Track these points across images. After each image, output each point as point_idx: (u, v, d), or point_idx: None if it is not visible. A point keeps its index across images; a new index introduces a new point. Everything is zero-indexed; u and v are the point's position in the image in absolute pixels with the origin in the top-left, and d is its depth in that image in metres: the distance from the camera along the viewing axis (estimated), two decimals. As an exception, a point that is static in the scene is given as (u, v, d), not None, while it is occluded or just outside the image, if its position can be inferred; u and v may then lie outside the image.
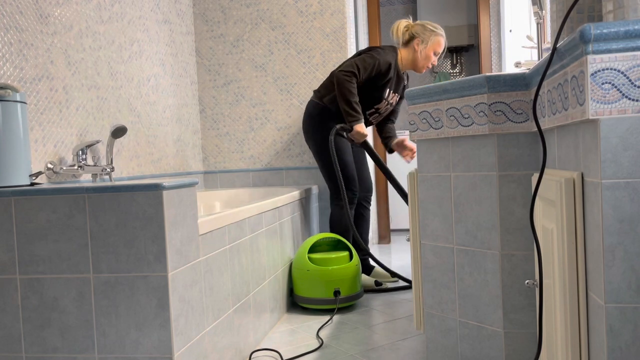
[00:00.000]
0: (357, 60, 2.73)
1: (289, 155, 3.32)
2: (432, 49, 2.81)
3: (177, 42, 3.13)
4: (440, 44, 2.83)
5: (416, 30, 2.82)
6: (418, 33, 2.81)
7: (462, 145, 1.53)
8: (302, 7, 3.26)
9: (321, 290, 2.45)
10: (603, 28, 0.89)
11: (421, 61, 2.83)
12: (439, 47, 2.83)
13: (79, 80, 2.19)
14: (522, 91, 1.40)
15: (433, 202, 1.64)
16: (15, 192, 1.42)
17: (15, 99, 1.58)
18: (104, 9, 2.39)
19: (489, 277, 1.48)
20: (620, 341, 0.92)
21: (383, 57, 2.75)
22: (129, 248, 1.37)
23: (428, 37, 2.80)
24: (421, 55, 2.82)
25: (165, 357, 1.36)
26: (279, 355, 1.97)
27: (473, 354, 1.55)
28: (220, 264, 1.73)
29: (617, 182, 0.91)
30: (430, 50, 2.82)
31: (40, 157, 1.93)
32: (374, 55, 2.74)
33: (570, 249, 1.04)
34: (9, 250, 1.42)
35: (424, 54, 2.81)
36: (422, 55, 2.82)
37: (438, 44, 2.82)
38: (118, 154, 2.45)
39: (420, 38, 2.80)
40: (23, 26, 1.88)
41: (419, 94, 1.64)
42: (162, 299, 1.36)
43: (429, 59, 2.84)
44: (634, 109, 0.90)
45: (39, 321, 1.42)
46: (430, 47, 2.81)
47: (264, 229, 2.21)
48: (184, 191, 1.46)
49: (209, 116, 3.41)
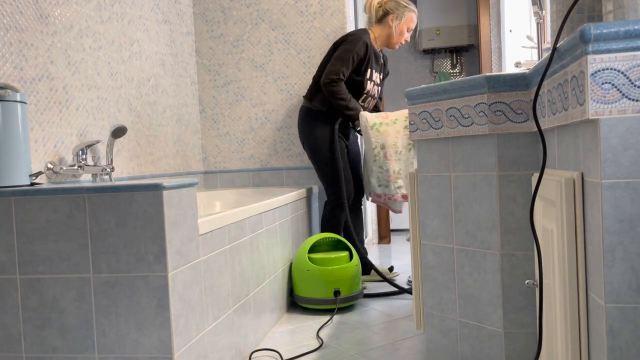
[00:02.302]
0: (337, 60, 2.75)
1: (289, 155, 3.32)
2: (405, 25, 2.85)
3: (177, 42, 3.13)
4: (413, 20, 2.87)
5: (390, 7, 2.84)
6: (392, 9, 2.84)
7: (462, 145, 1.53)
8: (302, 7, 3.26)
9: (321, 290, 2.45)
10: (603, 28, 0.89)
11: (395, 37, 2.87)
12: (411, 23, 2.87)
13: (79, 80, 2.19)
14: (522, 91, 1.40)
15: (433, 202, 1.64)
16: (15, 192, 1.42)
17: (15, 99, 1.58)
18: (104, 9, 2.39)
19: (489, 277, 1.48)
20: (620, 341, 0.92)
21: (358, 43, 2.77)
22: (129, 248, 1.37)
23: (402, 13, 2.83)
24: (395, 31, 2.85)
25: (165, 357, 1.36)
26: (279, 355, 1.97)
27: (473, 354, 1.55)
28: (220, 264, 1.73)
29: (617, 182, 0.91)
30: (404, 26, 2.85)
31: (40, 157, 1.93)
32: (348, 48, 2.75)
33: (570, 249, 1.04)
34: (9, 250, 1.42)
35: (398, 29, 2.85)
36: (396, 31, 2.85)
37: (411, 20, 2.86)
38: (118, 154, 2.45)
39: (395, 14, 2.83)
40: (23, 26, 1.88)
41: (419, 94, 1.64)
42: (162, 299, 1.36)
43: (402, 35, 2.87)
44: (634, 109, 0.90)
45: (39, 321, 1.42)
46: (404, 23, 2.85)
47: (264, 229, 2.21)
48: (184, 191, 1.46)
49: (209, 116, 3.41)
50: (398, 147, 2.88)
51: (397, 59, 5.18)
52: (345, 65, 2.73)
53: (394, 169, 2.87)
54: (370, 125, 2.88)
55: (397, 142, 2.88)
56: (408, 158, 2.87)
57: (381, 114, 2.90)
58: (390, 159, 2.89)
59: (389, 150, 2.86)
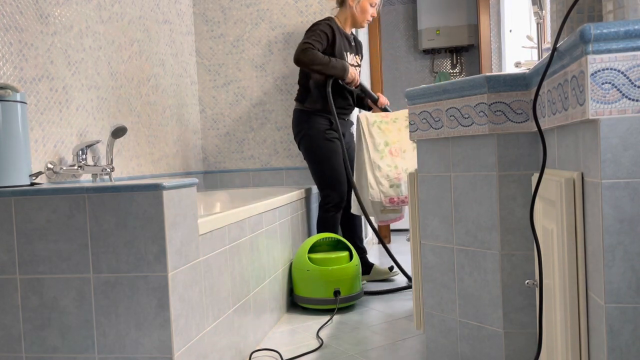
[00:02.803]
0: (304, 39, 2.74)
1: (289, 155, 3.32)
2: (367, 2, 2.82)
3: (177, 42, 3.13)
4: None
5: None
6: None
7: (462, 145, 1.53)
8: (302, 7, 3.27)
9: (321, 290, 2.45)
10: (603, 28, 0.89)
11: (359, 16, 2.84)
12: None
13: (79, 80, 2.19)
14: (522, 91, 1.40)
15: (433, 202, 1.64)
16: (15, 192, 1.42)
17: (15, 99, 1.58)
18: (104, 9, 2.39)
19: (489, 277, 1.48)
20: (620, 341, 0.92)
21: (320, 24, 2.77)
22: (129, 248, 1.37)
23: None
24: (357, 10, 2.83)
25: (165, 357, 1.36)
26: (279, 355, 1.97)
27: (473, 354, 1.55)
28: (220, 264, 1.73)
29: (617, 182, 0.91)
30: (366, 3, 2.82)
31: (40, 157, 1.93)
32: (313, 29, 2.76)
33: (570, 249, 1.04)
34: (9, 250, 1.42)
35: (359, 8, 2.83)
36: (358, 10, 2.83)
37: None
38: (118, 154, 2.45)
39: None
40: (23, 26, 1.88)
41: (419, 94, 1.64)
42: (162, 299, 1.36)
43: (366, 12, 2.84)
44: (634, 109, 0.90)
45: (39, 321, 1.42)
46: (365, 0, 2.82)
47: (264, 229, 2.21)
48: (184, 191, 1.46)
49: (209, 116, 3.41)
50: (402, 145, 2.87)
51: (397, 59, 5.18)
52: (316, 40, 2.71)
53: (403, 167, 2.86)
54: (371, 123, 2.88)
55: (400, 139, 2.88)
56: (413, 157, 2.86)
57: (380, 114, 2.92)
58: (397, 155, 2.87)
59: (393, 147, 2.87)
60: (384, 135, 2.87)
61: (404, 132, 2.90)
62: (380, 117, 2.90)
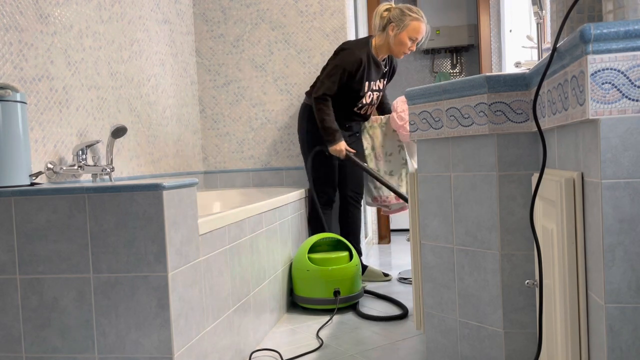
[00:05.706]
0: (325, 77, 2.75)
1: (289, 155, 3.32)
2: (407, 35, 2.72)
3: (177, 42, 3.13)
4: (416, 29, 2.73)
5: (393, 15, 2.75)
6: (394, 18, 2.74)
7: (462, 145, 1.53)
8: (302, 7, 3.26)
9: (321, 290, 2.45)
10: (603, 28, 0.89)
11: (395, 46, 2.76)
12: (415, 33, 2.73)
13: (79, 80, 2.19)
14: (522, 91, 1.40)
15: (433, 202, 1.64)
16: (15, 192, 1.42)
17: (15, 99, 1.58)
18: (104, 9, 2.39)
19: (489, 277, 1.48)
20: (620, 341, 0.92)
21: (349, 59, 2.73)
22: (129, 248, 1.37)
23: (402, 22, 2.71)
24: (393, 40, 2.75)
25: (165, 357, 1.36)
26: (279, 355, 1.97)
27: (473, 354, 1.55)
28: (220, 264, 1.73)
29: (617, 182, 0.91)
30: (404, 36, 2.73)
31: (40, 157, 1.93)
32: (337, 65, 2.74)
33: (570, 249, 1.04)
34: (9, 250, 1.42)
35: (397, 39, 2.74)
36: (394, 41, 2.75)
37: (414, 30, 2.72)
38: (118, 154, 2.45)
39: (395, 23, 2.73)
40: (23, 26, 1.88)
41: (419, 94, 1.64)
42: (162, 299, 1.36)
43: (403, 45, 2.75)
44: (634, 109, 0.90)
45: (39, 321, 1.42)
46: (405, 33, 2.72)
47: (264, 229, 2.21)
48: (184, 191, 1.46)
49: (209, 116, 3.41)
50: (387, 148, 3.00)
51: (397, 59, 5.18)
52: (333, 83, 2.73)
53: (384, 170, 3.04)
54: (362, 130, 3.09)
55: (384, 143, 3.03)
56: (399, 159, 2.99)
57: (372, 118, 3.05)
58: (380, 159, 3.05)
59: (378, 151, 3.04)
60: (372, 141, 3.06)
61: (390, 136, 3.04)
62: (371, 122, 3.07)
